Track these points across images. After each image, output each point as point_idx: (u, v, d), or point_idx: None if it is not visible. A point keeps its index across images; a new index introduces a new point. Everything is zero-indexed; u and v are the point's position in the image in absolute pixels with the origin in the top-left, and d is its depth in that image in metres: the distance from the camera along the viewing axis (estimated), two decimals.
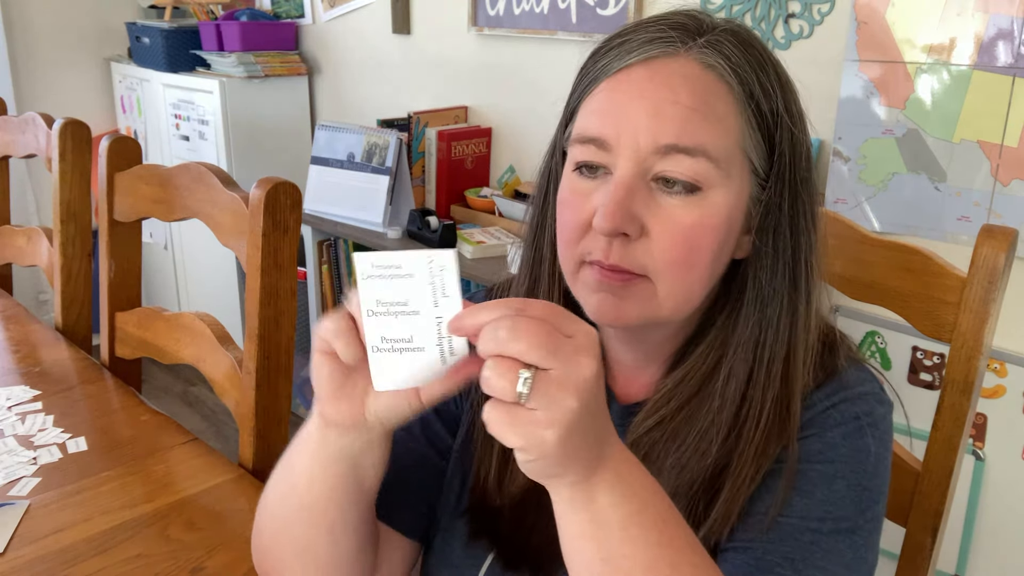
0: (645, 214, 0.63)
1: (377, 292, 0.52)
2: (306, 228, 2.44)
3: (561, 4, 2.18)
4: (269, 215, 1.01)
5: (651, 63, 0.63)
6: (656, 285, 0.64)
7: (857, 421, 0.67)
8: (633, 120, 0.62)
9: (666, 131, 0.61)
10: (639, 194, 0.62)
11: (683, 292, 0.65)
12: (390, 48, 2.71)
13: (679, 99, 0.62)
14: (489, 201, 2.29)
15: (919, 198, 1.64)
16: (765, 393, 0.66)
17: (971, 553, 1.68)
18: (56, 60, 3.10)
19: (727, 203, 0.64)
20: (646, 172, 0.62)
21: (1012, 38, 1.48)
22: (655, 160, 0.62)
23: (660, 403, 0.69)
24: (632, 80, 0.63)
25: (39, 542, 0.90)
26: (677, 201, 0.63)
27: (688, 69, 0.63)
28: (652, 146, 0.62)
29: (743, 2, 1.84)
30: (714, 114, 0.62)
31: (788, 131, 0.65)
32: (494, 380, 0.47)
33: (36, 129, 1.53)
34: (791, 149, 0.65)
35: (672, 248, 0.63)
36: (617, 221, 0.61)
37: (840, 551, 0.64)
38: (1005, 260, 0.79)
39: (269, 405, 1.07)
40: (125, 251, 1.35)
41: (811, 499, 0.64)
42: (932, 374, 1.67)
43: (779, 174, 0.65)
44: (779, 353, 0.66)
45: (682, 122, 0.61)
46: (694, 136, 0.61)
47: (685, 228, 0.63)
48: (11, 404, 1.19)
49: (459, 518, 0.76)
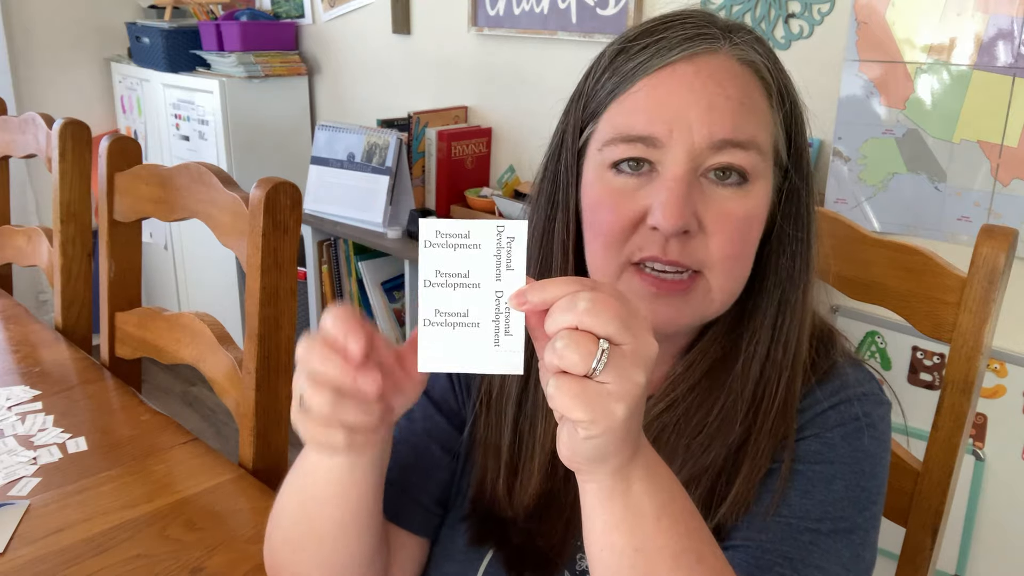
0: (700, 209, 0.63)
1: (438, 261, 0.50)
2: (306, 228, 2.44)
3: (561, 4, 2.18)
4: (269, 215, 1.01)
5: (695, 59, 0.63)
6: (711, 280, 0.65)
7: (857, 422, 0.67)
8: (685, 115, 0.62)
9: (721, 125, 0.62)
10: (695, 189, 0.63)
11: (733, 285, 0.66)
12: (390, 48, 2.71)
13: (729, 93, 0.62)
14: (489, 201, 2.29)
15: (919, 198, 1.64)
16: (781, 372, 0.67)
17: (971, 553, 1.68)
18: (56, 60, 3.10)
19: (767, 193, 0.65)
20: (698, 167, 0.63)
21: (1012, 38, 1.48)
22: (709, 154, 0.62)
23: (669, 388, 0.69)
24: (677, 76, 0.63)
25: (39, 542, 0.90)
26: (728, 193, 0.63)
27: (729, 65, 0.64)
28: (707, 141, 0.62)
29: (743, 2, 1.84)
30: (757, 108, 0.64)
31: (801, 125, 0.68)
32: (569, 352, 0.47)
33: (36, 129, 1.53)
34: (803, 141, 0.68)
35: (729, 242, 0.64)
36: (685, 218, 0.62)
37: (838, 551, 0.64)
38: (1005, 260, 0.79)
39: (269, 405, 1.07)
40: (125, 251, 1.35)
41: (810, 499, 0.65)
42: (932, 374, 1.67)
43: (796, 165, 0.67)
44: (793, 334, 0.68)
45: (734, 116, 0.62)
46: (746, 130, 0.63)
47: (739, 220, 0.64)
48: (11, 404, 1.19)
49: (461, 521, 0.76)
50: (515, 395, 0.73)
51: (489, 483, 0.73)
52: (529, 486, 0.71)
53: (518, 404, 0.73)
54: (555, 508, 0.71)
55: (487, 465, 0.74)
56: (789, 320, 0.68)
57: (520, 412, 0.73)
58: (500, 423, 0.73)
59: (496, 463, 0.73)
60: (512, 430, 0.72)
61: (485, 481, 0.74)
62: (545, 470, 0.71)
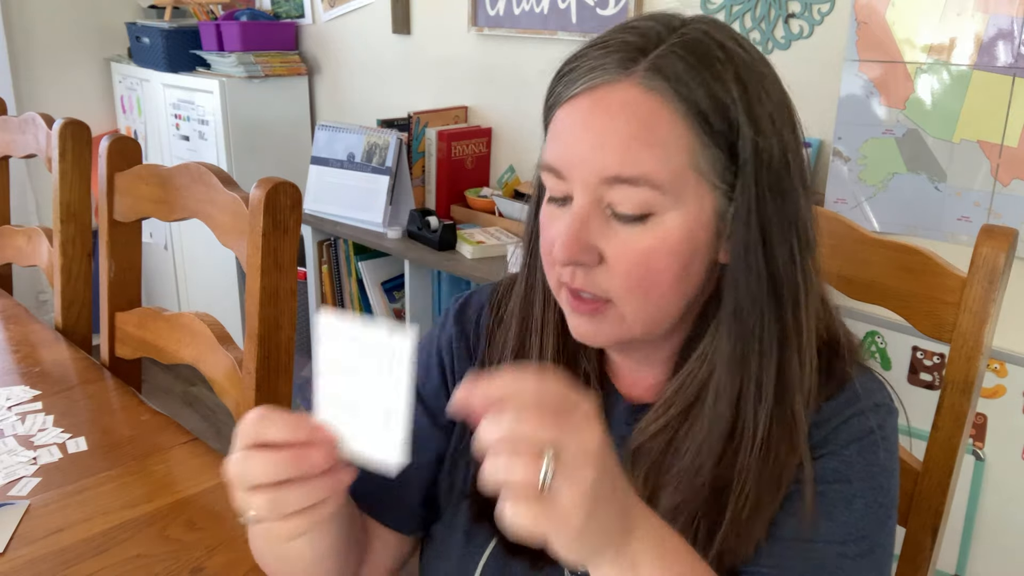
0: (601, 241, 0.63)
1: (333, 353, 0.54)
2: (306, 228, 2.44)
3: (561, 4, 2.18)
4: (269, 215, 1.01)
5: (594, 92, 0.63)
6: (621, 308, 0.65)
7: (872, 435, 0.67)
8: (580, 152, 0.63)
9: (608, 162, 0.62)
10: (594, 222, 0.63)
11: (650, 313, 0.65)
12: (390, 48, 2.71)
13: (618, 128, 0.61)
14: (489, 201, 2.29)
15: (919, 198, 1.64)
16: (757, 409, 0.65)
17: (971, 553, 1.68)
18: (56, 60, 3.10)
19: (684, 224, 0.63)
20: (599, 200, 0.63)
21: (1012, 38, 1.48)
22: (604, 189, 0.63)
23: (661, 409, 0.69)
24: (578, 110, 0.63)
25: (39, 542, 0.90)
26: (629, 228, 0.63)
27: (630, 95, 0.62)
28: (598, 177, 0.62)
29: (743, 2, 1.84)
30: (655, 139, 0.61)
31: (750, 139, 0.62)
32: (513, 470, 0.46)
33: (36, 129, 1.53)
34: (755, 157, 0.62)
35: (628, 274, 0.63)
36: (573, 252, 0.63)
37: (864, 570, 0.65)
38: (1005, 260, 0.79)
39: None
40: (125, 251, 1.35)
41: (834, 521, 0.65)
42: (932, 374, 1.67)
43: (744, 184, 0.63)
44: (768, 368, 0.65)
45: (623, 151, 0.61)
46: (635, 165, 0.61)
47: (639, 253, 0.63)
48: (11, 404, 1.19)
49: (464, 499, 0.76)
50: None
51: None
52: None
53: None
54: None
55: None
56: (757, 352, 0.64)
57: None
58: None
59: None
60: None
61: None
62: None
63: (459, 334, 0.81)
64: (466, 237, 2.10)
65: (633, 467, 0.69)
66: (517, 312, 0.76)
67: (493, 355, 0.78)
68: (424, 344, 0.84)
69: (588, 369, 0.75)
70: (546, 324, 0.74)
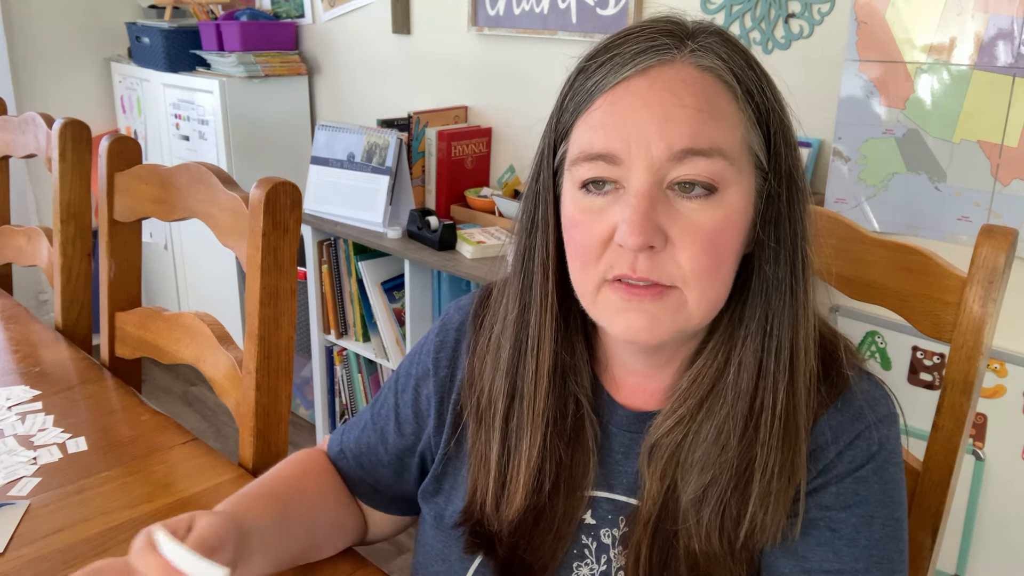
0: (667, 223, 0.62)
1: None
2: (306, 228, 2.44)
3: (561, 4, 2.18)
4: (269, 215, 1.01)
5: (649, 72, 0.62)
6: (686, 294, 0.64)
7: (882, 451, 0.68)
8: (642, 129, 0.61)
9: (679, 135, 0.61)
10: (659, 203, 0.62)
11: (712, 297, 0.65)
12: (390, 48, 2.71)
13: (685, 102, 0.61)
14: (489, 201, 2.29)
15: (919, 198, 1.64)
16: (777, 383, 0.66)
17: (971, 553, 1.68)
18: (56, 60, 3.10)
19: (742, 199, 0.64)
20: (662, 180, 0.62)
21: (1012, 38, 1.48)
22: (671, 166, 0.61)
23: (677, 403, 0.69)
24: (632, 91, 0.62)
25: (39, 542, 0.90)
26: (696, 205, 0.62)
27: (686, 73, 0.62)
28: (667, 152, 0.61)
29: (743, 2, 1.84)
30: (720, 113, 0.62)
31: (780, 123, 0.65)
32: None
33: (36, 129, 1.53)
34: (784, 140, 0.66)
35: (700, 255, 0.62)
36: (646, 234, 0.61)
37: None
38: (1005, 260, 0.79)
39: (269, 405, 1.07)
40: (125, 251, 1.35)
41: (856, 546, 0.66)
42: (932, 374, 1.67)
43: (776, 166, 0.65)
44: (785, 342, 0.66)
45: (692, 124, 0.61)
46: (707, 137, 0.61)
47: (709, 232, 0.62)
48: (11, 404, 1.19)
49: (454, 527, 0.77)
50: (503, 410, 0.73)
51: (479, 495, 0.75)
52: (515, 500, 0.72)
53: (505, 419, 0.73)
54: (543, 523, 0.73)
55: (478, 477, 0.75)
56: (778, 328, 0.66)
57: (507, 427, 0.73)
58: (489, 437, 0.74)
59: (486, 476, 0.74)
60: (500, 444, 0.73)
61: (476, 493, 0.75)
62: (530, 486, 0.72)
63: (435, 364, 0.82)
64: (466, 237, 2.10)
65: (648, 464, 0.69)
66: (511, 333, 0.73)
67: (478, 382, 0.77)
68: (410, 357, 0.86)
69: (577, 387, 0.73)
70: (542, 344, 0.72)
